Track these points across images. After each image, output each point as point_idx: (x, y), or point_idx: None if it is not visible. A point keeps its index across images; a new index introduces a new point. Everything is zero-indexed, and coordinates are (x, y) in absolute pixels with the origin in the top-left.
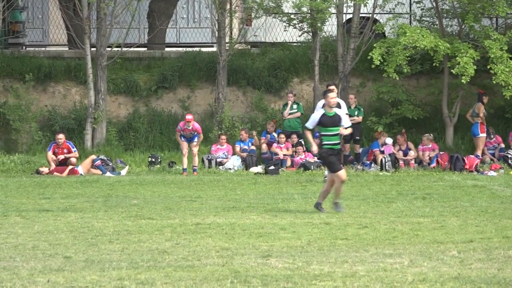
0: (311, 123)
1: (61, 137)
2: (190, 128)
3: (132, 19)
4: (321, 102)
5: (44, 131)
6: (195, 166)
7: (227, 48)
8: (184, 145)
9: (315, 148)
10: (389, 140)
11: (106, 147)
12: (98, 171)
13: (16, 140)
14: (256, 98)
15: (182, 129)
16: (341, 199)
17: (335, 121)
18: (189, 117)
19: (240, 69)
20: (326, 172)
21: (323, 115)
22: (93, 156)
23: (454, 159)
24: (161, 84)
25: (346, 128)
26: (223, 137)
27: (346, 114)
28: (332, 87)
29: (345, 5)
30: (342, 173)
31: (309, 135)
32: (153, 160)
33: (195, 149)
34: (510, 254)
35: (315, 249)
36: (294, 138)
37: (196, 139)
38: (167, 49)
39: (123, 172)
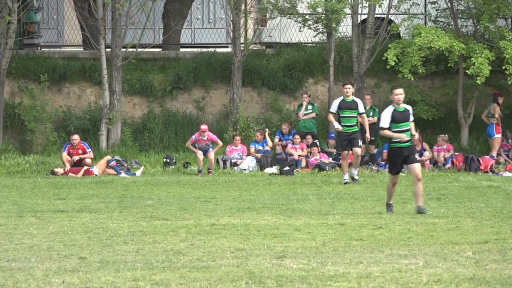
0: (384, 121)
1: (76, 137)
2: (206, 138)
3: (147, 19)
4: (337, 101)
5: (59, 132)
6: (211, 168)
7: (242, 48)
8: (199, 151)
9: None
10: None
11: (121, 148)
12: (113, 172)
13: (31, 141)
14: (271, 98)
15: (197, 139)
16: (393, 201)
17: (406, 116)
18: (204, 127)
19: (255, 70)
20: (346, 176)
21: (394, 111)
22: (108, 157)
23: (469, 160)
24: (176, 85)
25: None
26: (238, 137)
27: (363, 113)
28: (349, 85)
29: (360, 5)
30: (397, 176)
31: (387, 131)
32: (168, 160)
33: (212, 154)
34: None
35: (330, 250)
36: (309, 138)
37: (211, 149)
38: (182, 49)
39: (138, 172)
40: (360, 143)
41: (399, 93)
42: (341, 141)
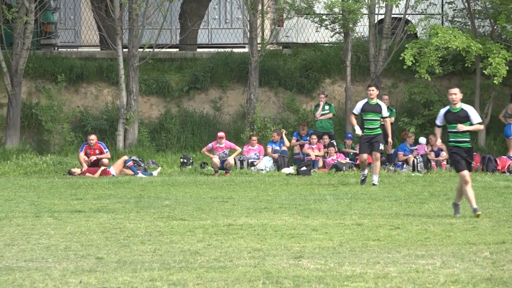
0: (437, 119)
1: (93, 138)
2: (223, 145)
3: (164, 20)
4: (361, 103)
5: (76, 132)
6: (229, 169)
7: (259, 48)
8: (214, 156)
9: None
10: (422, 140)
11: (138, 148)
12: (130, 172)
13: (48, 141)
14: (288, 99)
15: (214, 147)
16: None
17: (460, 117)
18: (221, 134)
19: (271, 70)
20: (365, 172)
21: (448, 111)
22: (125, 157)
23: (486, 160)
24: (193, 85)
25: (473, 124)
26: (254, 138)
27: (386, 117)
28: (372, 88)
29: (377, 5)
30: (465, 173)
31: (436, 130)
32: (185, 161)
33: (231, 158)
34: None
35: (347, 250)
36: (326, 139)
37: (228, 158)
38: (199, 50)
39: (155, 173)
40: (382, 147)
41: (453, 93)
42: (362, 143)
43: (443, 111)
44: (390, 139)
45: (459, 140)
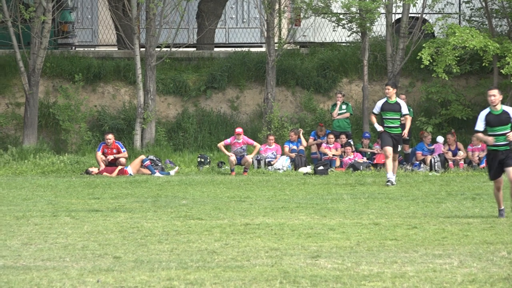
0: (478, 124)
1: (110, 137)
2: (241, 141)
3: (181, 19)
4: (380, 102)
5: (93, 131)
6: (247, 168)
7: (276, 48)
8: (231, 154)
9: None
10: (440, 139)
11: (155, 147)
12: (148, 171)
13: (66, 140)
14: (305, 98)
15: (231, 143)
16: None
17: (504, 119)
18: (239, 130)
19: (289, 69)
20: (389, 175)
21: (489, 113)
22: (142, 156)
23: None
24: (210, 84)
25: None
26: (271, 137)
27: (406, 114)
28: (388, 86)
29: (394, 5)
30: (497, 181)
31: (479, 135)
32: (202, 160)
33: (249, 157)
34: None
35: (364, 249)
36: (343, 138)
37: (245, 155)
38: (216, 49)
39: (173, 172)
40: (400, 148)
41: (492, 94)
42: (385, 137)
43: (483, 114)
44: (405, 133)
45: (498, 144)
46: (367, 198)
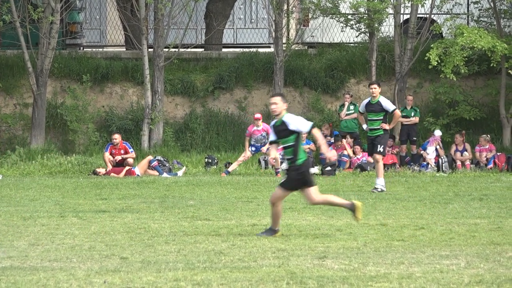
0: None
1: (116, 137)
2: (260, 128)
3: (189, 20)
4: (364, 101)
5: (101, 132)
6: (278, 168)
7: (284, 48)
8: (247, 153)
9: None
10: (437, 132)
11: (162, 148)
12: (155, 172)
13: (73, 141)
14: (313, 98)
15: (251, 132)
16: None
17: None
18: (258, 115)
19: (297, 70)
20: (377, 181)
21: None
22: (150, 157)
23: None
24: (218, 85)
25: None
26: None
27: (394, 110)
28: (373, 85)
29: (402, 5)
30: None
31: None
32: (210, 161)
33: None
34: None
35: (371, 250)
36: (349, 139)
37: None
38: (224, 49)
39: (180, 173)
40: (380, 148)
41: None
42: (368, 145)
43: None
44: (384, 125)
45: None
46: (374, 198)
